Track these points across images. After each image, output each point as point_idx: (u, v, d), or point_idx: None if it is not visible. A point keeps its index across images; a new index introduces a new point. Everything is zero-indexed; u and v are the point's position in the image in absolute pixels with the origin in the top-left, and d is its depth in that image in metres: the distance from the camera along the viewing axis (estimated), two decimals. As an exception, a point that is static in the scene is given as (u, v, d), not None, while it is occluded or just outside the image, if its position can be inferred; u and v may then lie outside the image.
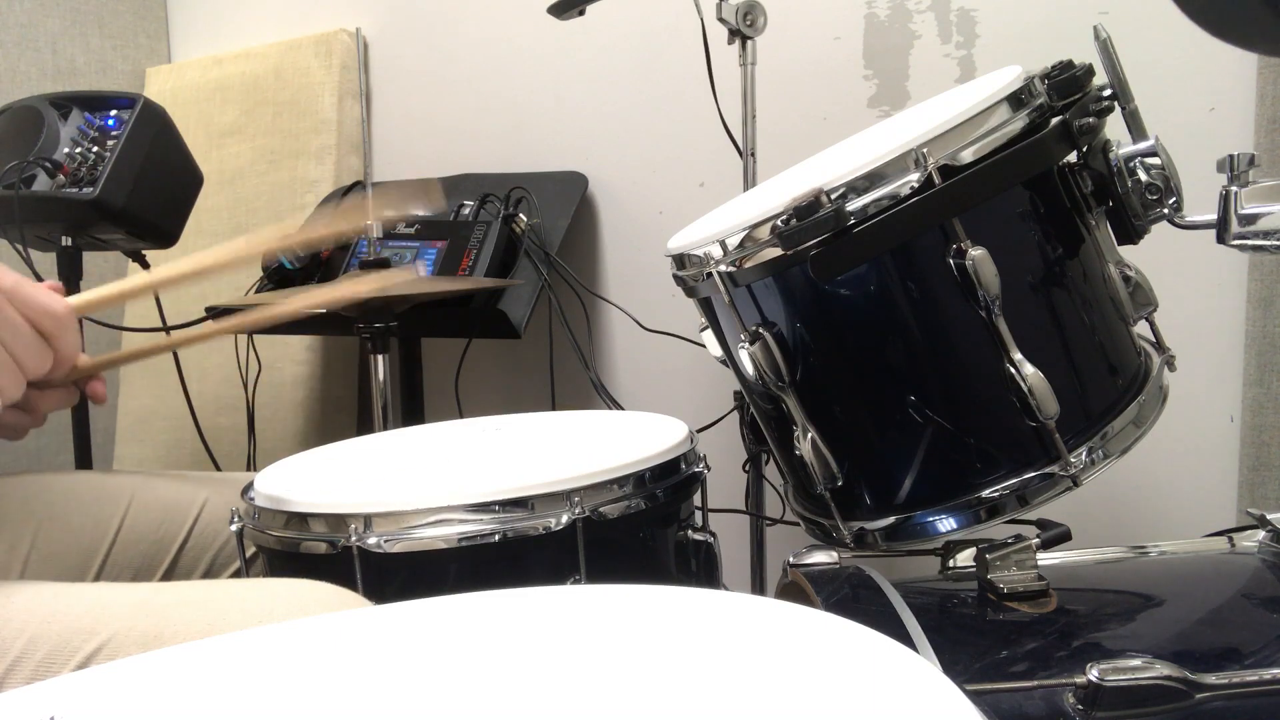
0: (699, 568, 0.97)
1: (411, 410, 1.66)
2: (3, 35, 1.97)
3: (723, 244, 0.84)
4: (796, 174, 1.03)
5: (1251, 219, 0.77)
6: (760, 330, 0.85)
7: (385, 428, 1.40)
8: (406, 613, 0.52)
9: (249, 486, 0.93)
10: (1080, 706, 0.61)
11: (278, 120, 2.01)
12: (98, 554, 0.93)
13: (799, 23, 1.53)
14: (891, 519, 0.86)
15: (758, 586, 1.41)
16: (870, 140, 0.95)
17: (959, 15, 1.45)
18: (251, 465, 1.84)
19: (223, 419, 1.94)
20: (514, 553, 0.83)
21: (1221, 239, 0.78)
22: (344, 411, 1.99)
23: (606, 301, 1.77)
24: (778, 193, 0.83)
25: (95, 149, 1.42)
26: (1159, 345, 0.91)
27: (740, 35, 1.25)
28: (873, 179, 0.77)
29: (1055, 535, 0.88)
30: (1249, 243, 0.77)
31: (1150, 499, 1.38)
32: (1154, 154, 0.81)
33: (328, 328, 1.80)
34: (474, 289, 1.52)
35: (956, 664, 0.68)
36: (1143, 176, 0.82)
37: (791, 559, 0.85)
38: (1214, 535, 0.87)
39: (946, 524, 0.83)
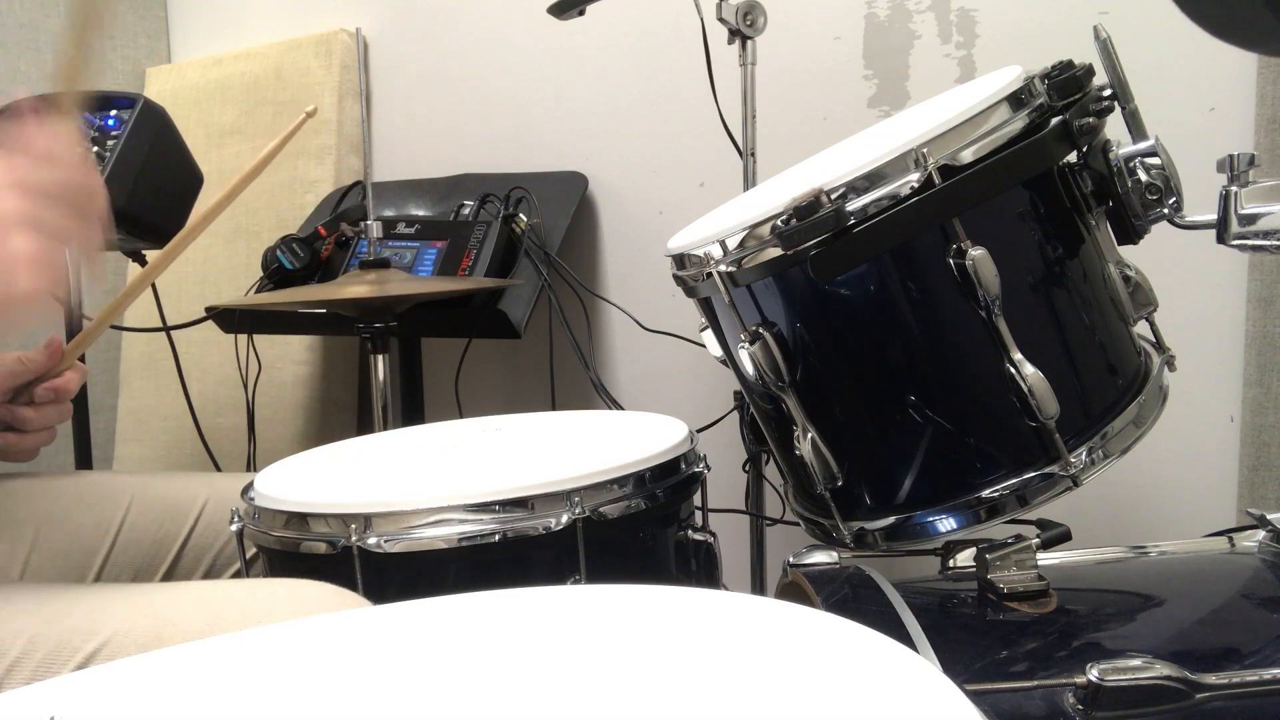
0: (699, 568, 0.97)
1: (411, 410, 1.66)
2: (3, 35, 1.97)
3: (723, 244, 0.84)
4: (796, 174, 1.03)
5: (1251, 219, 0.77)
6: (760, 330, 0.85)
7: (385, 428, 1.40)
8: (406, 613, 0.52)
9: (249, 486, 0.93)
10: (1080, 706, 0.61)
11: (278, 120, 2.00)
12: (98, 554, 0.93)
13: (799, 23, 1.53)
14: (891, 519, 0.86)
15: (758, 586, 1.41)
16: (870, 140, 0.95)
17: (959, 15, 1.45)
18: (251, 465, 1.83)
19: (223, 419, 1.94)
20: (514, 553, 0.83)
21: (1221, 239, 0.78)
22: (344, 411, 1.99)
23: (606, 301, 1.77)
24: (778, 193, 0.83)
25: (95, 149, 1.42)
26: (1159, 345, 0.91)
27: (740, 35, 1.25)
28: (873, 179, 0.77)
29: (1055, 535, 0.88)
30: (1249, 243, 0.77)
31: (1150, 499, 1.38)
32: (1154, 154, 0.81)
33: (327, 327, 1.80)
34: (474, 289, 1.52)
35: (956, 664, 0.68)
36: (1143, 176, 0.82)
37: (791, 559, 0.85)
38: (1214, 535, 0.87)
39: (946, 524, 0.83)
